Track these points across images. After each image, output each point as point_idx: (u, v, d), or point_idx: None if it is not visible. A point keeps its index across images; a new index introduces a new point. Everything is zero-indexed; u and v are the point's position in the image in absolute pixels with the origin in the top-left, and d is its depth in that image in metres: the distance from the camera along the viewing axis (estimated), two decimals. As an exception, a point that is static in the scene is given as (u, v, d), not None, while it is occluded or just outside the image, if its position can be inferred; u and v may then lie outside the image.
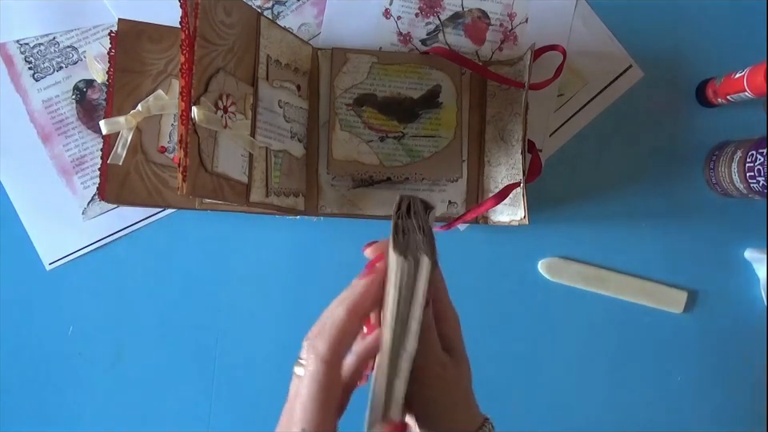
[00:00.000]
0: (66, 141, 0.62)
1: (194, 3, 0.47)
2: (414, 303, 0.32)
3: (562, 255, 0.63)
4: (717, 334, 0.63)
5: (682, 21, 0.64)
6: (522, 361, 0.63)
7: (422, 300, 0.31)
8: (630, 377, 0.63)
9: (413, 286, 0.31)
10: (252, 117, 0.53)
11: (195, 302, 0.62)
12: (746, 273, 0.63)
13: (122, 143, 0.56)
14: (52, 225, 0.62)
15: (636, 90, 0.64)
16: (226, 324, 0.63)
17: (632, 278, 0.63)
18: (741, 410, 0.63)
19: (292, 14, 0.63)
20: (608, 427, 0.63)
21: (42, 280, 0.62)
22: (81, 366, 0.62)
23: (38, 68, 0.62)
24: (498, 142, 0.60)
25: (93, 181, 0.62)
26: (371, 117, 0.60)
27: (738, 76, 0.57)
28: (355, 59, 0.60)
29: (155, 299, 0.62)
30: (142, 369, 0.62)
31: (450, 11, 0.63)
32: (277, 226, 0.63)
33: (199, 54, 0.47)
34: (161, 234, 0.62)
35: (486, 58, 0.63)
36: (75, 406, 0.62)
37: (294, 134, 0.58)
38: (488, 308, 0.63)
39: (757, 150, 0.56)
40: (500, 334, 0.63)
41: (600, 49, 0.63)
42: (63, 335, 0.62)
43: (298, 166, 0.59)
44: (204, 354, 0.62)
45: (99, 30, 0.62)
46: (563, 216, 0.63)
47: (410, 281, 0.31)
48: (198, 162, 0.47)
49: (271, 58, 0.55)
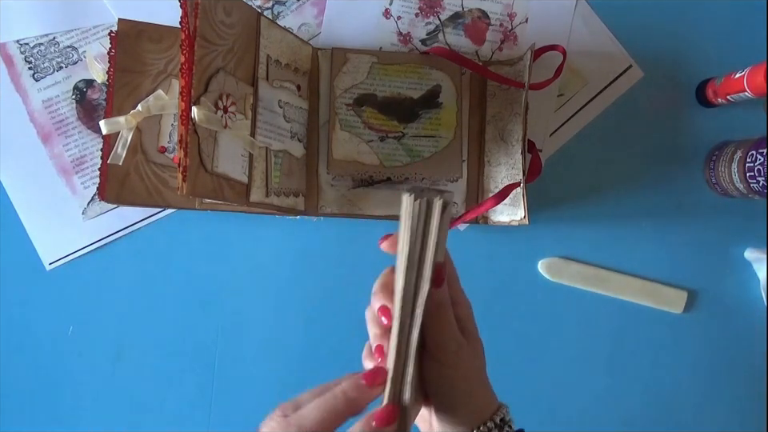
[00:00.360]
0: (66, 141, 0.62)
1: (194, 3, 0.47)
2: (426, 247, 0.31)
3: (562, 255, 0.63)
4: (717, 334, 0.63)
5: (682, 21, 0.63)
6: (522, 360, 0.63)
7: (434, 244, 0.31)
8: (629, 377, 0.63)
9: (425, 228, 0.31)
10: (252, 117, 0.53)
11: (195, 301, 0.62)
12: (746, 273, 0.63)
13: (122, 143, 0.56)
14: (52, 225, 0.62)
15: (636, 90, 0.64)
16: (226, 324, 0.63)
17: (632, 278, 0.63)
18: (740, 409, 0.63)
19: (292, 14, 0.63)
20: (608, 427, 0.63)
21: (42, 280, 0.62)
22: (81, 366, 0.62)
23: (38, 68, 0.62)
24: (497, 142, 0.60)
25: (93, 181, 0.62)
26: (371, 117, 0.60)
27: (738, 76, 0.57)
28: (355, 59, 0.60)
29: (155, 299, 0.62)
30: (142, 369, 0.62)
31: (450, 11, 0.63)
32: (277, 225, 0.63)
33: (199, 54, 0.47)
34: (161, 234, 0.62)
35: (486, 58, 0.63)
36: (75, 405, 0.62)
37: (294, 134, 0.58)
38: (488, 308, 0.63)
39: (757, 150, 0.56)
40: (500, 333, 0.63)
41: (600, 49, 0.63)
42: (63, 335, 0.62)
43: (298, 166, 0.59)
44: (204, 353, 0.62)
45: (99, 30, 0.62)
46: (563, 216, 0.63)
47: (421, 224, 0.31)
48: (197, 162, 0.47)
49: (271, 57, 0.55)
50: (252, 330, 0.62)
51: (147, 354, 0.62)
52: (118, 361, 0.62)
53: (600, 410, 0.63)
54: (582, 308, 0.63)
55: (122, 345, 0.62)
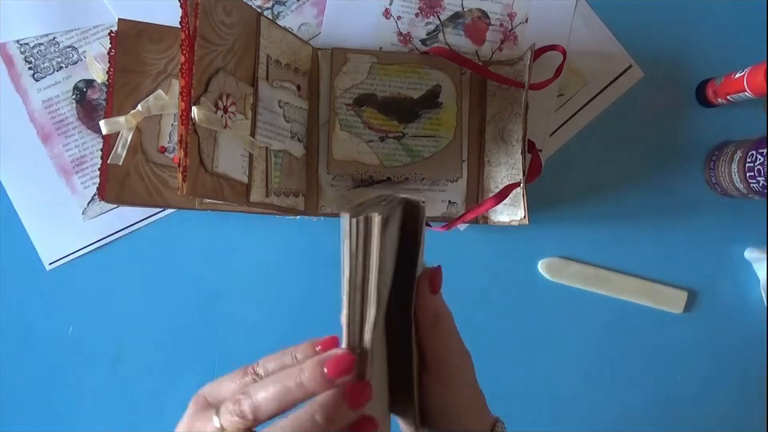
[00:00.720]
0: (66, 141, 0.62)
1: (194, 3, 0.47)
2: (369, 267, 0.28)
3: (562, 255, 0.63)
4: (717, 334, 0.63)
5: (682, 21, 0.64)
6: (522, 361, 0.63)
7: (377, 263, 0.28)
8: (629, 377, 0.63)
9: (366, 247, 0.28)
10: (252, 117, 0.53)
11: (195, 301, 0.62)
12: (746, 273, 0.63)
13: (122, 143, 0.56)
14: (52, 225, 0.62)
15: (636, 90, 0.64)
16: (226, 324, 0.63)
17: (632, 278, 0.63)
18: (741, 409, 0.63)
19: (292, 14, 0.63)
20: (607, 427, 0.63)
21: (42, 280, 0.62)
22: (81, 366, 0.62)
23: (38, 68, 0.62)
24: (498, 142, 0.60)
25: (93, 181, 0.62)
26: (371, 117, 0.60)
27: (738, 76, 0.57)
28: (355, 59, 0.60)
29: (155, 299, 0.62)
30: (142, 369, 0.62)
31: (450, 11, 0.63)
32: (277, 225, 0.63)
33: (199, 54, 0.47)
34: (161, 234, 0.62)
35: (486, 58, 0.63)
36: (75, 405, 0.62)
37: (294, 134, 0.58)
38: (488, 308, 0.63)
39: (757, 150, 0.56)
40: (500, 334, 0.63)
41: (600, 49, 0.63)
42: (63, 335, 0.62)
43: (298, 166, 0.59)
44: (204, 353, 0.62)
45: (99, 30, 0.62)
46: (563, 216, 0.63)
47: (361, 242, 0.28)
48: (198, 162, 0.47)
49: (271, 57, 0.55)
50: (252, 329, 0.62)
51: (147, 354, 0.62)
52: (118, 361, 0.62)
53: (600, 410, 0.63)
54: (582, 308, 0.63)
55: (122, 345, 0.62)
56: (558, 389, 0.63)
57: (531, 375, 0.63)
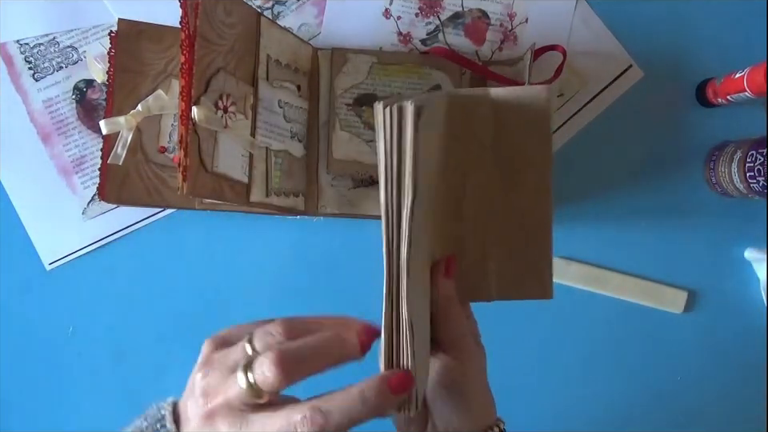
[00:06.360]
0: (66, 141, 0.62)
1: (194, 3, 0.47)
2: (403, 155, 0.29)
3: (562, 255, 0.63)
4: (717, 334, 0.63)
5: (682, 21, 0.63)
6: (522, 361, 0.63)
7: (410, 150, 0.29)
8: (629, 377, 0.63)
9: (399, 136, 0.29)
10: (252, 117, 0.53)
11: (195, 301, 0.62)
12: (746, 273, 0.63)
13: (122, 143, 0.56)
14: (52, 225, 0.62)
15: (636, 90, 0.63)
16: (226, 323, 0.62)
17: (632, 277, 0.63)
18: (741, 409, 0.63)
19: (292, 14, 0.63)
20: (607, 427, 0.63)
21: (42, 280, 0.62)
22: (81, 366, 0.62)
23: (38, 68, 0.62)
24: (498, 141, 0.60)
25: (93, 181, 0.62)
26: (371, 117, 0.60)
27: (738, 76, 0.57)
28: (355, 59, 0.60)
29: (155, 299, 0.62)
30: (142, 369, 0.62)
31: (450, 11, 0.63)
32: (277, 225, 0.63)
33: (199, 54, 0.47)
34: (161, 234, 0.62)
35: (486, 58, 0.63)
36: (75, 405, 0.62)
37: (294, 134, 0.58)
38: (488, 308, 0.63)
39: (757, 150, 0.56)
40: (499, 334, 0.63)
41: (600, 49, 0.63)
42: (63, 335, 0.62)
43: (298, 166, 0.59)
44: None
45: (99, 30, 0.62)
46: (563, 216, 0.63)
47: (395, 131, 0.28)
48: (197, 162, 0.47)
49: (271, 57, 0.55)
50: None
51: (147, 354, 0.62)
52: (118, 360, 0.62)
53: (600, 410, 0.63)
54: (582, 308, 0.63)
55: (121, 345, 0.62)
56: (558, 389, 0.63)
57: (530, 375, 0.63)
